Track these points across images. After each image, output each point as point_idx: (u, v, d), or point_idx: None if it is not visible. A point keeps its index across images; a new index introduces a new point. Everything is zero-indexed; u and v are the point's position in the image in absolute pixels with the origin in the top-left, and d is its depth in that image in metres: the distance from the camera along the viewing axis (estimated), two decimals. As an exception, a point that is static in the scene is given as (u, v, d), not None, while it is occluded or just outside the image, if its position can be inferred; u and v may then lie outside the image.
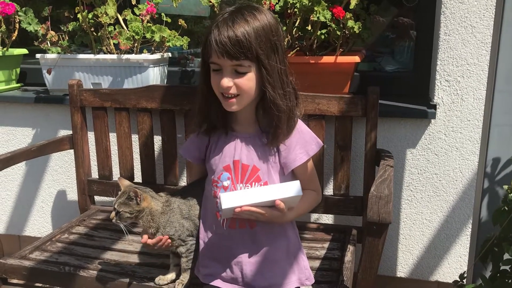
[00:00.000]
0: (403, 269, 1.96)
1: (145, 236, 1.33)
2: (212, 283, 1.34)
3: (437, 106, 1.78)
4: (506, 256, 1.43)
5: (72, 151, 2.01)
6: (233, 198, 1.18)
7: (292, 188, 1.19)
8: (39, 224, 2.38)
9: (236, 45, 1.15)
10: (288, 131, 1.27)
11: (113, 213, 1.32)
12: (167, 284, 1.42)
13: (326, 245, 1.69)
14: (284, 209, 1.20)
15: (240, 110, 1.26)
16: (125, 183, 1.38)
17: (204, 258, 1.36)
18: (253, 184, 1.28)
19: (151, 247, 1.34)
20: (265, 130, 1.29)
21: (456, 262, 1.90)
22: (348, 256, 1.55)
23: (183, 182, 2.03)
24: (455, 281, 1.60)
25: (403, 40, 2.17)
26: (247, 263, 1.31)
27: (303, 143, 1.30)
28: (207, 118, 1.32)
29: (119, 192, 1.35)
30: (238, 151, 1.30)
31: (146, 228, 1.35)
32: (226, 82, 1.19)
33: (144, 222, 1.34)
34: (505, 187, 1.46)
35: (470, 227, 1.84)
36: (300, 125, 1.31)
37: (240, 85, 1.20)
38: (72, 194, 2.27)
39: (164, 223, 1.34)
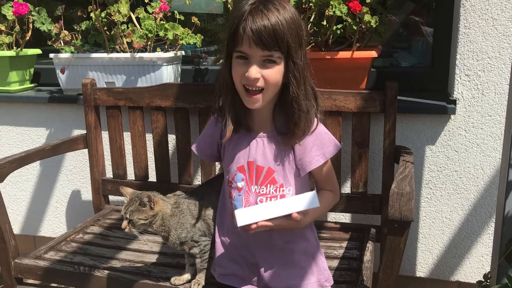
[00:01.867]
0: (422, 269, 1.92)
1: None
2: (228, 283, 1.31)
3: (457, 102, 1.73)
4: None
5: (86, 150, 2.00)
6: (249, 214, 1.14)
7: (309, 200, 1.15)
8: (54, 224, 2.37)
9: (271, 35, 1.09)
10: (304, 132, 1.21)
11: (125, 222, 1.30)
12: (183, 284, 1.39)
13: (345, 244, 1.66)
14: (299, 218, 1.16)
15: (259, 108, 1.21)
16: (129, 190, 1.36)
17: (220, 257, 1.34)
18: (268, 186, 1.25)
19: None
20: (280, 130, 1.23)
21: (477, 262, 1.85)
22: (368, 256, 1.51)
23: (197, 181, 2.01)
24: (479, 281, 1.55)
25: (420, 35, 2.12)
26: (264, 264, 1.28)
27: (320, 145, 1.24)
28: (228, 114, 1.24)
29: (126, 201, 1.32)
30: (253, 151, 1.25)
31: (158, 232, 1.32)
32: (254, 72, 1.12)
33: (156, 227, 1.32)
34: (531, 183, 1.41)
35: (493, 225, 1.80)
36: (319, 126, 1.25)
37: (268, 77, 1.13)
38: (87, 194, 2.26)
39: (175, 225, 1.33)
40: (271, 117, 1.25)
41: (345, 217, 1.94)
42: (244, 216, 1.14)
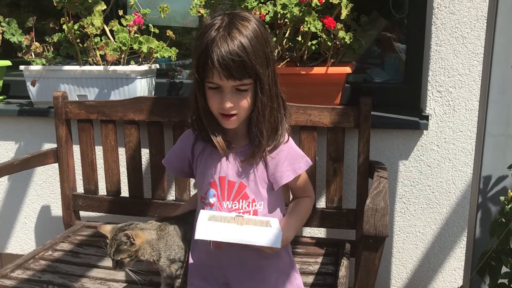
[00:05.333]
0: (397, 283, 1.93)
1: None
2: None
3: (429, 117, 1.76)
4: (504, 269, 1.40)
5: (56, 165, 1.95)
6: (210, 230, 1.13)
7: (272, 239, 1.14)
8: (22, 241, 2.30)
9: (240, 66, 1.10)
10: (272, 144, 1.22)
11: (113, 264, 1.26)
12: (156, 303, 1.36)
13: (320, 259, 1.65)
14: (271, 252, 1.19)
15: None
16: (107, 228, 1.31)
17: (192, 276, 1.31)
18: (240, 201, 1.23)
19: None
20: (254, 143, 1.23)
21: (450, 276, 1.87)
22: (343, 271, 1.51)
23: (171, 196, 1.98)
24: (452, 295, 1.57)
25: (393, 51, 2.16)
26: (236, 282, 1.26)
27: (291, 160, 1.26)
28: (202, 132, 1.26)
29: (108, 241, 1.28)
30: (224, 166, 1.25)
31: (148, 260, 1.29)
32: (229, 104, 1.15)
33: (145, 256, 1.28)
34: (502, 198, 1.44)
35: (465, 239, 1.82)
36: (290, 142, 1.28)
37: (241, 105, 1.16)
38: (57, 210, 2.20)
39: (164, 247, 1.30)
40: (246, 132, 1.25)
41: (320, 232, 1.94)
42: (205, 230, 1.13)
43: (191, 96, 1.24)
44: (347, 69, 1.77)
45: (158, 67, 2.12)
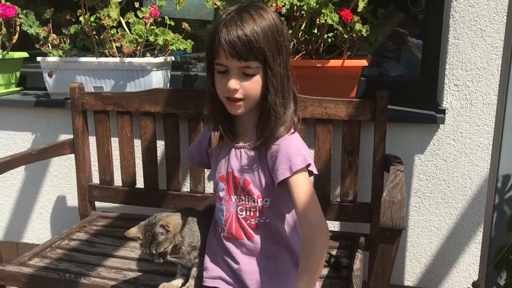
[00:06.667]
0: (410, 278, 1.92)
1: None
2: (214, 285, 1.29)
3: (446, 111, 1.75)
4: (521, 264, 1.39)
5: (72, 156, 1.97)
6: None
7: None
8: (38, 231, 2.33)
9: (246, 45, 1.10)
10: (277, 139, 1.19)
11: (156, 258, 1.28)
12: (171, 291, 1.37)
13: (334, 252, 1.65)
14: None
15: (242, 116, 1.22)
16: (134, 231, 1.31)
17: (208, 261, 1.32)
18: (246, 196, 1.23)
19: None
20: (261, 138, 1.21)
21: (465, 271, 1.86)
22: (357, 264, 1.51)
23: (186, 187, 1.99)
24: (467, 290, 1.56)
25: (408, 45, 2.14)
26: (247, 272, 1.26)
27: (289, 156, 1.18)
28: (216, 121, 1.25)
29: (140, 241, 1.29)
30: (231, 162, 1.25)
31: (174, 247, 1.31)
32: (234, 84, 1.13)
33: (178, 241, 1.31)
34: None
35: (480, 235, 1.80)
36: (293, 137, 1.21)
37: (246, 88, 1.15)
38: (72, 200, 2.22)
39: (188, 233, 1.32)
40: (255, 127, 1.24)
41: (333, 226, 1.94)
42: None
43: (206, 89, 1.25)
44: (364, 62, 1.76)
45: (174, 59, 2.12)
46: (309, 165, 1.20)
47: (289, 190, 1.18)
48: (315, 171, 1.23)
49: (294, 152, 1.18)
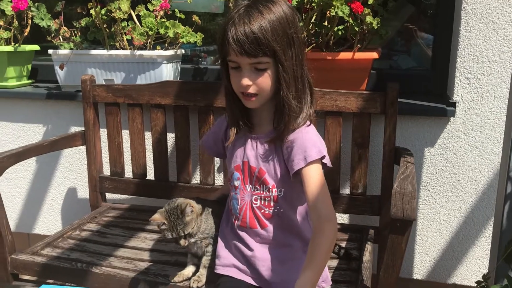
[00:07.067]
0: (419, 271, 1.92)
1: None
2: (227, 273, 1.30)
3: (457, 104, 1.74)
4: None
5: (83, 147, 1.98)
6: None
7: None
8: (49, 222, 2.35)
9: (254, 43, 1.11)
10: (292, 131, 1.21)
11: (182, 240, 1.29)
12: (182, 281, 1.38)
13: (343, 244, 1.65)
14: None
15: (258, 108, 1.25)
16: (157, 216, 1.32)
17: (220, 249, 1.34)
18: (261, 186, 1.26)
19: None
20: (277, 129, 1.24)
21: (474, 265, 1.85)
22: (367, 256, 1.51)
23: (196, 179, 2.00)
24: (478, 282, 1.56)
25: (420, 38, 2.13)
26: (260, 259, 1.28)
27: (304, 147, 1.20)
28: (233, 115, 1.28)
29: (165, 226, 1.29)
30: (247, 152, 1.27)
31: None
32: (246, 81, 1.17)
33: (198, 226, 1.33)
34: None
35: (490, 229, 1.80)
36: (309, 129, 1.24)
37: (259, 83, 1.17)
38: (83, 192, 2.24)
39: (204, 218, 1.34)
40: (271, 118, 1.25)
41: (343, 218, 1.94)
42: None
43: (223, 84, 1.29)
44: (374, 55, 1.76)
45: (184, 52, 2.13)
46: (323, 157, 1.22)
47: (302, 180, 1.19)
48: (329, 164, 1.25)
49: (310, 143, 1.20)
